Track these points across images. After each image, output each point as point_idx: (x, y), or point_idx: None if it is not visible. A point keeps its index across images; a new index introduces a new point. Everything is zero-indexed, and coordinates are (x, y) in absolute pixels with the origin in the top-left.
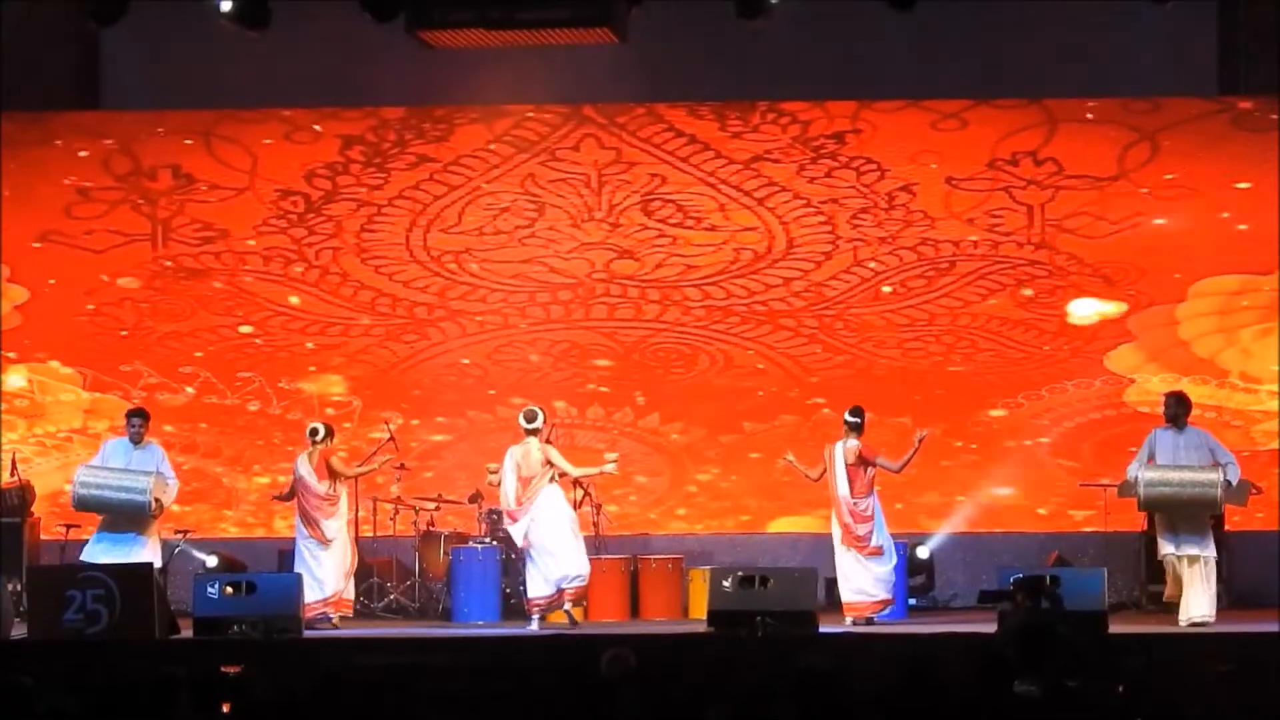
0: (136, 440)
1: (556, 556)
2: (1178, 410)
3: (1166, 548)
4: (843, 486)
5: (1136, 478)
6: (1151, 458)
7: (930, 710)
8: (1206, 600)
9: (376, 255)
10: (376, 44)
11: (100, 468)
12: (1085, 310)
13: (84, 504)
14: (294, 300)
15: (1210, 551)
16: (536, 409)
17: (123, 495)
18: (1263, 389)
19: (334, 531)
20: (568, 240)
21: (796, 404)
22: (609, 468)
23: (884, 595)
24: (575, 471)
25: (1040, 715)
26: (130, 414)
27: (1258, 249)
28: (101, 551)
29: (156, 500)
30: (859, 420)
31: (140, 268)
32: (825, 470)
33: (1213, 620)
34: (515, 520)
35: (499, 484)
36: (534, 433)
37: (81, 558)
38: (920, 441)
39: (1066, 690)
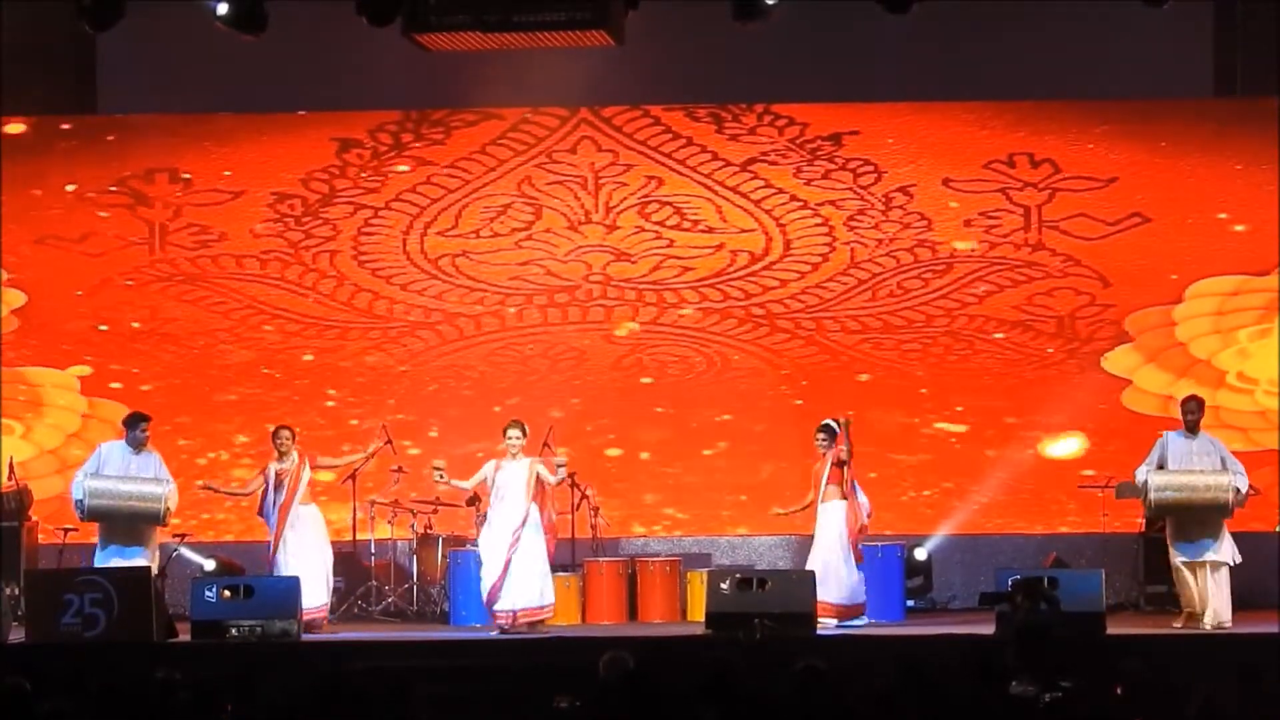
0: (141, 444)
1: (536, 580)
2: (1199, 415)
3: (1183, 554)
4: (861, 495)
5: (1146, 482)
6: (1162, 464)
7: (928, 711)
8: (1226, 603)
9: (374, 258)
10: (373, 47)
11: (108, 476)
12: (1062, 450)
13: (95, 514)
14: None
15: (1228, 555)
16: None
17: (137, 504)
18: (1260, 390)
19: None
20: (565, 243)
21: (793, 405)
22: (561, 473)
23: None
24: (555, 479)
25: (1038, 716)
26: (138, 417)
27: (1255, 250)
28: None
29: (167, 509)
30: (829, 437)
31: (138, 271)
32: (816, 492)
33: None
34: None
35: (446, 484)
36: (520, 448)
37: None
38: (845, 425)
39: (1064, 691)
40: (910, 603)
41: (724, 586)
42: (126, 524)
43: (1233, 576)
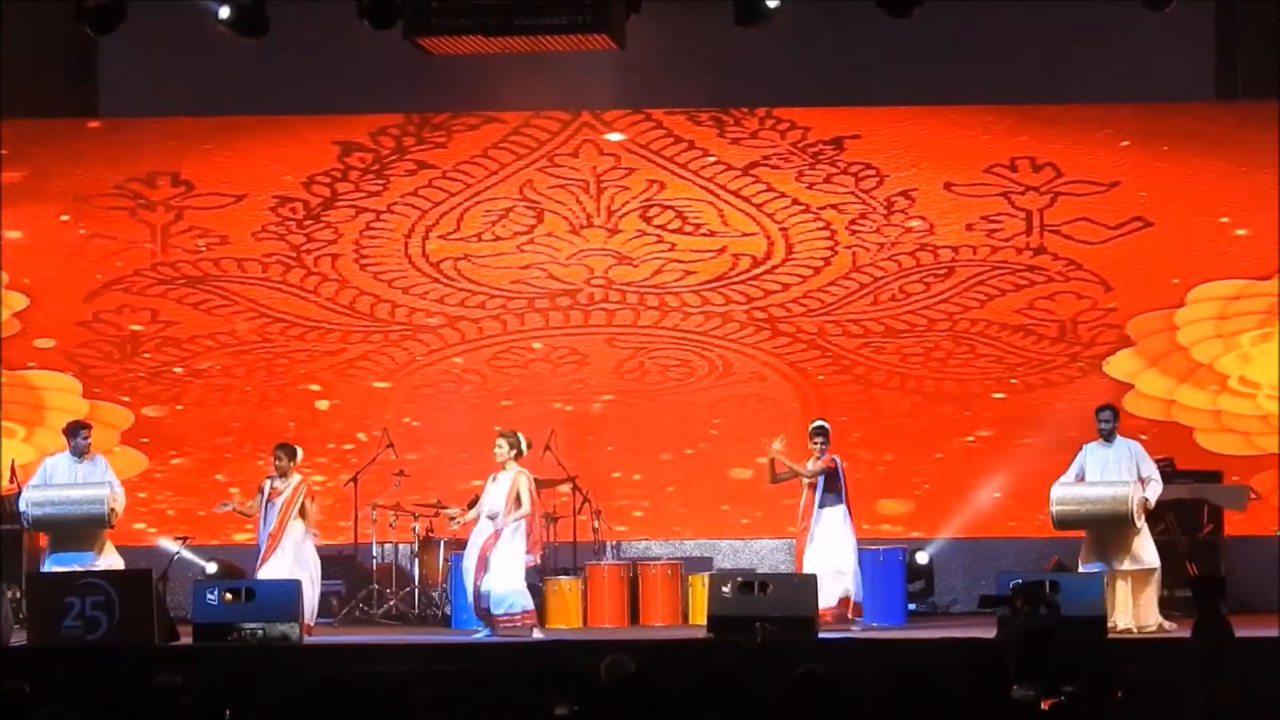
0: (84, 452)
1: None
2: (1113, 423)
3: (1084, 568)
4: None
5: (1050, 497)
6: (1081, 475)
7: (929, 715)
8: (1148, 609)
9: (375, 261)
10: (375, 51)
11: (51, 486)
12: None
13: (40, 524)
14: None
15: (1142, 564)
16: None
17: (80, 509)
18: (1261, 394)
19: None
20: (566, 246)
21: (795, 409)
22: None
23: None
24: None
25: None
26: (78, 426)
27: (1256, 254)
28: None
29: (112, 509)
30: (825, 439)
31: (139, 275)
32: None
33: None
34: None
35: (464, 521)
36: (504, 459)
37: None
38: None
39: (1065, 695)
40: (911, 606)
41: (725, 590)
42: (75, 529)
43: (1232, 581)
